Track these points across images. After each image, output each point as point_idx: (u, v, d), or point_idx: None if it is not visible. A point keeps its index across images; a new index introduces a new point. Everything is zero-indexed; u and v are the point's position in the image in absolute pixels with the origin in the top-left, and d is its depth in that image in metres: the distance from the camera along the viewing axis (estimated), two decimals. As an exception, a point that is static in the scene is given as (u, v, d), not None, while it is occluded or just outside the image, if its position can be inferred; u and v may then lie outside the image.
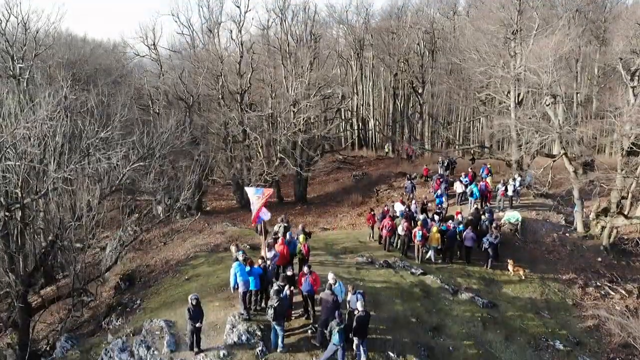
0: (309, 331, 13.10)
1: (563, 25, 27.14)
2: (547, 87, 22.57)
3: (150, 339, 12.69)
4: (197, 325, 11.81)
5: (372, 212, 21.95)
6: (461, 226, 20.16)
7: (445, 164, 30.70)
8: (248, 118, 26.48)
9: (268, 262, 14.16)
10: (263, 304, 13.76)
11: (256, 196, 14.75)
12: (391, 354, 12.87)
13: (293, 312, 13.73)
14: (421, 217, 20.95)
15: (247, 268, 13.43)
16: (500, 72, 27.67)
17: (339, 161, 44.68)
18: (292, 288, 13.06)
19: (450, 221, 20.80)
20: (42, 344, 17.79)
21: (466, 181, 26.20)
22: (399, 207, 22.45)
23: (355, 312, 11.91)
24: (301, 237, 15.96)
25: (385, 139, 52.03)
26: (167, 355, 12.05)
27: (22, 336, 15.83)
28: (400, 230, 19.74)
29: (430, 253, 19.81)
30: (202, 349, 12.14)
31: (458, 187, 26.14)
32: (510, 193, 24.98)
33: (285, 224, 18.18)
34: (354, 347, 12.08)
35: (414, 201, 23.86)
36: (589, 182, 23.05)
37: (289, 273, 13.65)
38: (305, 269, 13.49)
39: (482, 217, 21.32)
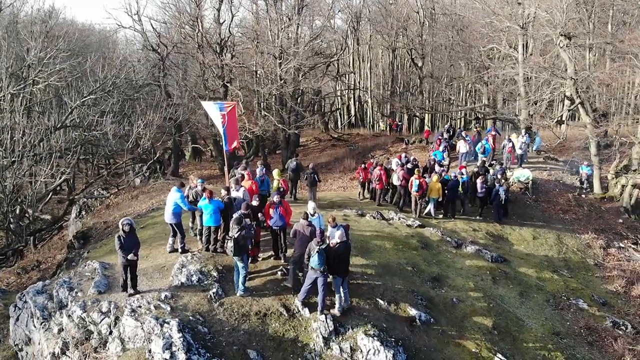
0: (279, 273, 10.50)
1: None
2: (561, 27, 19.99)
3: (77, 280, 10.08)
4: (130, 257, 9.17)
5: (364, 166, 19.24)
6: (465, 177, 17.69)
7: (451, 133, 28.09)
8: (229, 67, 23.70)
9: (235, 194, 11.58)
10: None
11: (220, 114, 12.10)
12: (380, 301, 10.27)
13: (261, 253, 11.16)
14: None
15: (205, 199, 10.94)
16: (507, 23, 25.04)
17: (334, 139, 42.29)
18: (257, 215, 10.55)
19: (452, 172, 18.25)
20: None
21: (469, 140, 23.62)
22: (395, 161, 19.78)
23: (331, 244, 9.30)
24: (275, 172, 13.34)
25: (382, 117, 49.78)
26: (93, 297, 9.41)
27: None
28: (395, 179, 17.13)
29: (430, 207, 17.24)
30: (139, 290, 9.53)
31: (462, 147, 23.39)
32: (518, 151, 22.40)
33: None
34: (333, 287, 9.48)
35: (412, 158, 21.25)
36: (606, 137, 20.53)
37: (254, 203, 11.02)
38: (276, 197, 10.88)
39: (491, 169, 18.75)
